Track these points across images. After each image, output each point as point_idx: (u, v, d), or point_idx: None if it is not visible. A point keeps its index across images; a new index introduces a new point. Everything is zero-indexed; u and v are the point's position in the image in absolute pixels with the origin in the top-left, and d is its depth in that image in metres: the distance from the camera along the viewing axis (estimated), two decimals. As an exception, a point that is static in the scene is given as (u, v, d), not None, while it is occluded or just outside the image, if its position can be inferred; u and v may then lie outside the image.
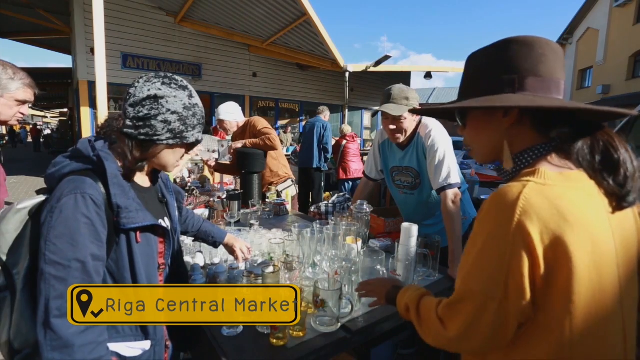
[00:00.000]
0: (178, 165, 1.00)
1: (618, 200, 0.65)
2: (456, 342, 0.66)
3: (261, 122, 2.95)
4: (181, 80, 0.93)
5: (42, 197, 0.87)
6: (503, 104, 0.66)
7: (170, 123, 0.89)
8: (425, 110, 0.83)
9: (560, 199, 0.60)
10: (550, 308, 0.60)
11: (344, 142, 5.59)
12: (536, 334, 0.62)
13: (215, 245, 1.38)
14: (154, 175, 1.05)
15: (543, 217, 0.58)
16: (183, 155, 0.99)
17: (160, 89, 0.87)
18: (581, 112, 0.66)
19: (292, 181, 3.15)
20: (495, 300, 0.60)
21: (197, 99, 0.95)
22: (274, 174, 3.04)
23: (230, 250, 1.39)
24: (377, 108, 1.74)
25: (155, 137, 0.89)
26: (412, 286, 0.90)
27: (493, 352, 0.67)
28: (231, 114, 2.97)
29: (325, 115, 5.27)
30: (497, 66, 0.70)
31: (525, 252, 0.58)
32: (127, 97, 0.89)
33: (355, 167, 5.53)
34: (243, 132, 3.02)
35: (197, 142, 0.98)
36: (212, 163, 3.07)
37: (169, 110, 0.88)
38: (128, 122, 0.88)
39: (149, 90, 0.87)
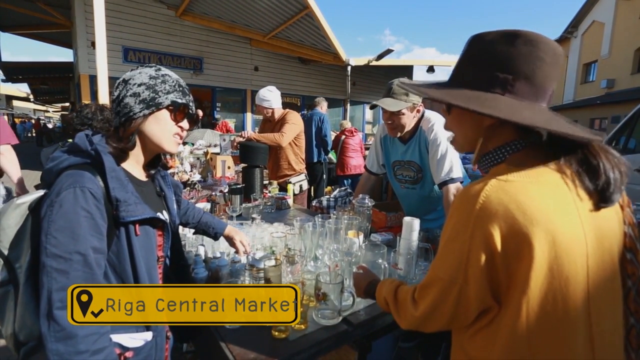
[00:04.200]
0: (177, 140, 0.98)
1: (597, 200, 0.65)
2: (423, 320, 0.73)
3: (291, 118, 2.99)
4: (151, 66, 0.97)
5: (41, 192, 0.87)
6: (490, 113, 0.64)
7: (139, 94, 0.90)
8: (413, 87, 0.82)
9: (520, 193, 0.62)
10: (511, 299, 0.63)
11: (343, 137, 5.54)
12: (497, 324, 0.66)
13: (215, 236, 1.39)
14: (151, 168, 1.05)
15: (502, 212, 0.61)
16: (182, 129, 0.97)
17: (127, 74, 0.94)
18: (559, 133, 0.64)
19: (305, 176, 3.25)
20: (457, 285, 0.66)
21: (166, 71, 0.97)
22: (291, 167, 3.12)
23: (231, 242, 1.40)
24: (376, 102, 1.73)
25: (131, 113, 0.90)
26: (386, 280, 0.93)
27: (460, 337, 0.74)
28: (267, 100, 2.98)
29: (322, 106, 5.12)
30: (495, 60, 0.68)
31: (483, 246, 0.63)
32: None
33: (354, 162, 5.41)
34: (278, 122, 3.04)
35: (177, 104, 0.93)
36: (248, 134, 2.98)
37: (135, 84, 0.91)
38: (113, 116, 0.92)
39: (120, 79, 0.93)
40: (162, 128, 0.94)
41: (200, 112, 0.99)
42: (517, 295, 0.62)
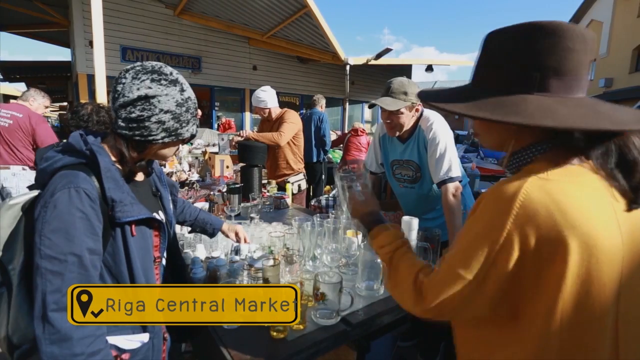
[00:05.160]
0: (175, 155, 1.02)
1: (631, 200, 0.63)
2: (429, 311, 0.69)
3: (289, 117, 2.99)
4: (170, 73, 0.89)
5: (34, 193, 0.86)
6: (524, 122, 0.60)
7: (165, 122, 0.87)
8: (430, 96, 0.75)
9: (561, 194, 0.59)
10: (536, 304, 0.61)
11: (348, 135, 5.55)
12: (512, 329, 0.64)
13: (213, 232, 1.40)
14: (147, 168, 1.05)
15: (543, 213, 0.57)
16: (178, 147, 1.00)
17: (150, 88, 0.84)
18: (596, 130, 0.61)
19: (304, 175, 3.24)
20: (473, 282, 0.62)
21: (189, 92, 0.92)
22: (290, 167, 3.12)
23: (230, 234, 1.42)
24: (375, 101, 1.72)
25: (151, 138, 0.87)
26: (391, 232, 0.86)
27: (482, 345, 0.70)
28: (262, 101, 2.99)
29: (321, 105, 5.06)
30: (518, 58, 0.64)
31: (516, 247, 0.59)
32: (116, 96, 0.85)
33: None
34: (276, 121, 3.04)
35: (193, 136, 0.97)
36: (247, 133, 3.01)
37: (162, 110, 0.86)
38: (121, 123, 0.85)
39: (138, 89, 0.83)
40: (170, 151, 0.97)
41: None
42: (544, 299, 0.59)
